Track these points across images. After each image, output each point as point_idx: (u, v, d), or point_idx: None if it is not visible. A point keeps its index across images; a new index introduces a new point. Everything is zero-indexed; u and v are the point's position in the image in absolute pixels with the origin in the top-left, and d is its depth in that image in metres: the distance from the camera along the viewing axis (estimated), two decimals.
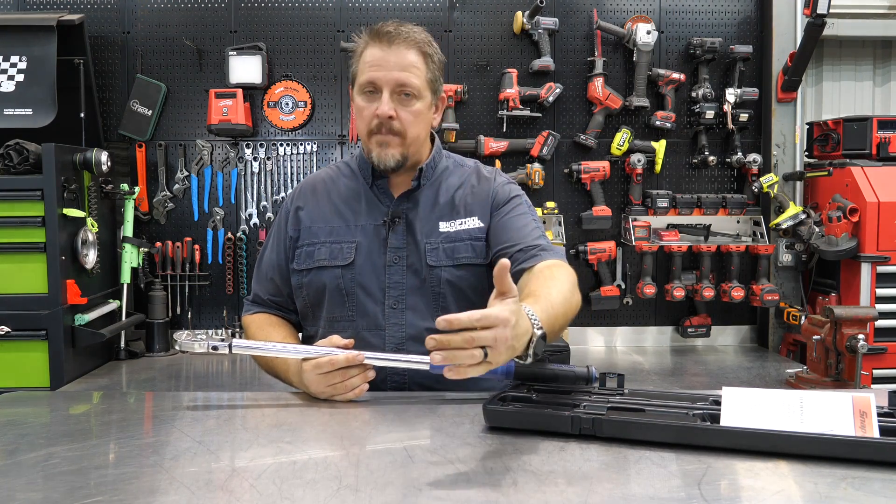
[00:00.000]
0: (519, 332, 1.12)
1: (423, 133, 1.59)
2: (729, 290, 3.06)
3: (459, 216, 1.59)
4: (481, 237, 1.57)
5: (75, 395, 2.13)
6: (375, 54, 1.51)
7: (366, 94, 1.54)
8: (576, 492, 0.92)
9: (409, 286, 1.54)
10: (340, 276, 1.55)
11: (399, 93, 1.51)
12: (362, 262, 1.55)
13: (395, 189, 1.61)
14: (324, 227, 1.60)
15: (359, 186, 1.63)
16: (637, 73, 3.07)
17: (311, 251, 1.59)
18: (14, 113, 2.71)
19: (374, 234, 1.57)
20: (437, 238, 1.56)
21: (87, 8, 3.08)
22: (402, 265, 1.55)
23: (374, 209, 1.60)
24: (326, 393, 1.36)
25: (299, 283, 1.61)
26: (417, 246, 1.55)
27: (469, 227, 1.57)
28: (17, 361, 2.50)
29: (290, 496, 0.91)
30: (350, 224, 1.59)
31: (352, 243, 1.57)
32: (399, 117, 1.51)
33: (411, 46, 1.52)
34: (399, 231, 1.56)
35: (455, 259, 1.54)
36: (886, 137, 2.93)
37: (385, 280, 1.55)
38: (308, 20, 3.12)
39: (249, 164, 3.12)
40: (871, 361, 2.66)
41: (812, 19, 2.79)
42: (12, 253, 2.49)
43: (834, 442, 1.01)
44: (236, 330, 3.10)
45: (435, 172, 1.64)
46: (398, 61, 1.50)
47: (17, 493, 0.94)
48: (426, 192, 1.61)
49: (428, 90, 1.56)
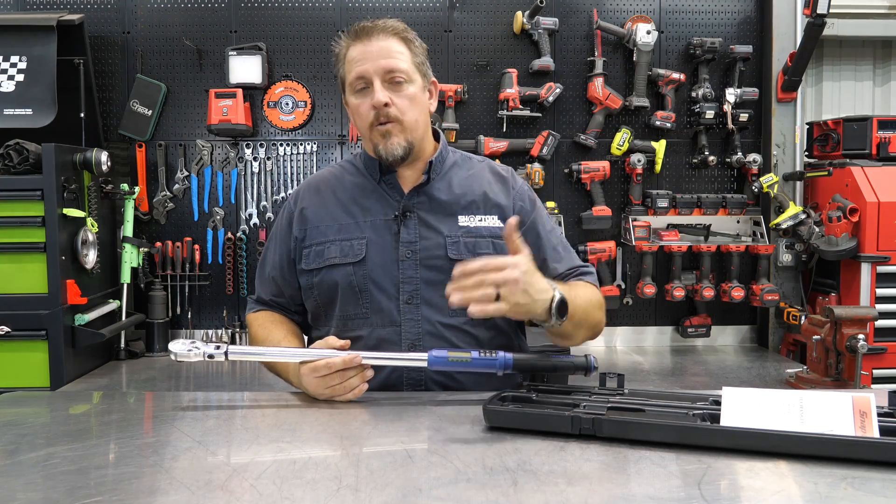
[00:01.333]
0: (535, 282, 1.30)
1: (422, 118, 1.58)
2: (729, 290, 3.06)
3: (479, 212, 1.59)
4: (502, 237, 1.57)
5: (75, 395, 2.13)
6: (358, 50, 1.53)
7: (358, 91, 1.54)
8: (576, 492, 0.92)
9: (424, 280, 1.53)
10: (353, 274, 1.54)
11: (389, 80, 1.52)
12: (374, 259, 1.54)
13: (404, 183, 1.60)
14: (332, 224, 1.59)
15: (366, 183, 1.62)
16: (637, 73, 3.07)
17: (320, 250, 1.57)
18: (14, 113, 2.71)
19: (384, 230, 1.56)
20: (457, 232, 1.56)
21: (87, 8, 3.07)
22: (414, 259, 1.54)
23: (384, 204, 1.58)
24: (325, 394, 1.36)
25: (309, 284, 1.59)
26: (436, 239, 1.54)
27: (489, 224, 1.58)
28: (17, 361, 2.50)
29: (290, 496, 0.91)
30: (359, 220, 1.58)
31: (362, 239, 1.55)
32: (394, 103, 1.51)
33: (390, 35, 1.54)
34: (411, 225, 1.55)
35: (476, 254, 1.53)
36: (886, 137, 2.93)
37: (398, 275, 1.53)
38: (308, 20, 3.12)
39: (249, 164, 3.12)
40: (871, 361, 2.66)
41: (812, 19, 2.79)
42: (12, 253, 2.49)
43: (834, 442, 1.01)
44: (236, 330, 3.10)
45: (444, 166, 1.64)
46: (381, 50, 1.52)
47: (17, 493, 0.94)
48: (438, 186, 1.60)
49: (417, 73, 1.56)
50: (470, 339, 1.53)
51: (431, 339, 1.51)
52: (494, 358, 1.33)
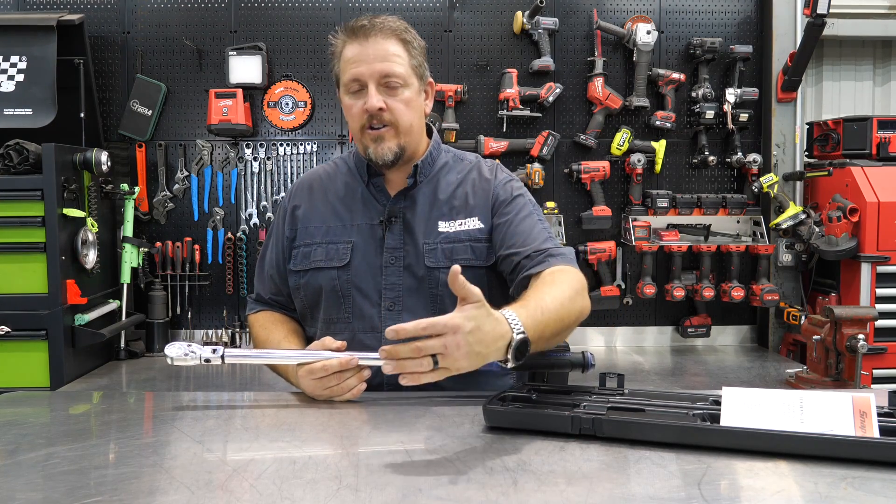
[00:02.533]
0: (483, 337, 1.14)
1: (417, 122, 1.56)
2: (729, 290, 3.06)
3: (459, 216, 1.55)
4: (481, 238, 1.54)
5: (75, 395, 2.13)
6: (354, 50, 1.49)
7: (352, 92, 1.52)
8: (576, 492, 0.92)
9: (406, 287, 1.52)
10: (336, 278, 1.53)
11: (385, 84, 1.49)
12: (358, 264, 1.53)
13: (391, 187, 1.58)
14: (320, 226, 1.58)
15: (356, 184, 1.61)
16: (637, 73, 3.07)
17: (307, 252, 1.57)
18: (14, 113, 2.71)
19: (369, 235, 1.55)
20: (435, 238, 1.53)
21: (87, 8, 3.07)
22: (398, 266, 1.52)
23: (371, 208, 1.57)
24: (324, 395, 1.36)
25: (296, 284, 1.59)
26: (416, 246, 1.52)
27: (469, 227, 1.54)
28: (17, 361, 2.51)
29: (290, 496, 0.91)
30: (346, 224, 1.57)
31: (347, 244, 1.55)
32: (389, 108, 1.49)
33: (389, 36, 1.50)
34: (396, 231, 1.54)
35: (454, 261, 1.49)
36: (886, 137, 2.92)
37: (381, 281, 1.52)
38: (308, 20, 3.12)
39: (249, 164, 3.12)
40: (871, 361, 2.66)
41: (812, 19, 2.79)
42: (12, 253, 2.49)
43: (834, 442, 1.01)
44: (236, 330, 3.10)
45: (433, 169, 1.61)
46: (378, 53, 1.48)
47: (17, 493, 0.94)
48: (424, 190, 1.58)
49: (414, 76, 1.53)
50: None
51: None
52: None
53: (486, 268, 1.54)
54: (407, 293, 1.52)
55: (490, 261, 1.54)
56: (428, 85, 1.62)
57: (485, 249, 1.54)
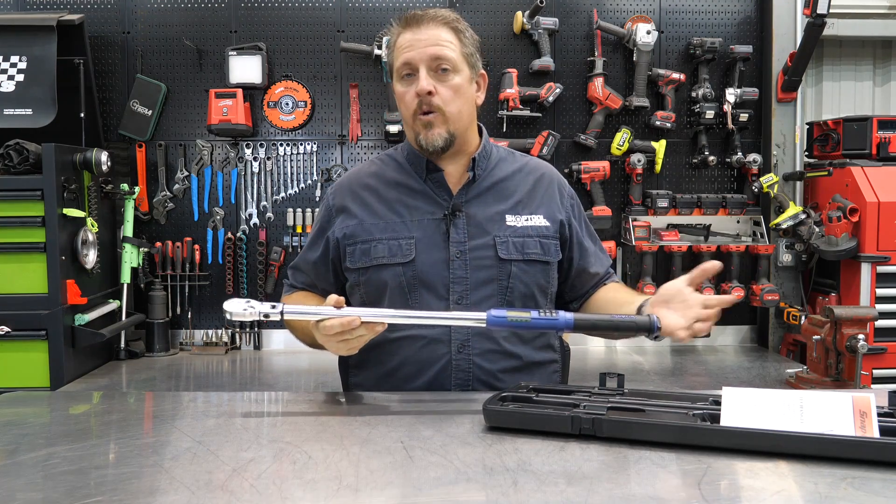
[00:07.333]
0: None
1: (466, 109, 1.56)
2: (729, 290, 3.06)
3: (525, 211, 1.59)
4: (549, 236, 1.59)
5: (75, 395, 2.13)
6: (407, 37, 1.52)
7: (404, 78, 1.53)
8: (576, 492, 0.92)
9: (474, 281, 1.52)
10: (402, 274, 1.52)
11: (435, 68, 1.50)
12: (423, 258, 1.53)
13: (450, 181, 1.59)
14: (378, 223, 1.57)
15: (409, 180, 1.60)
16: (637, 73, 3.07)
17: (366, 248, 1.56)
18: (14, 113, 2.71)
19: (433, 229, 1.54)
20: (505, 231, 1.55)
21: (87, 8, 3.07)
22: (465, 259, 1.53)
23: (431, 203, 1.57)
24: (342, 349, 1.36)
25: (356, 282, 1.58)
26: (485, 239, 1.54)
27: (536, 224, 1.58)
28: (17, 361, 2.50)
29: (290, 496, 0.91)
30: (405, 219, 1.56)
31: (410, 239, 1.54)
32: (438, 92, 1.50)
33: (441, 24, 1.52)
34: (460, 225, 1.54)
35: (525, 254, 1.54)
36: (886, 137, 2.92)
37: (448, 275, 1.52)
38: (308, 20, 3.12)
39: (249, 164, 3.12)
40: (871, 361, 2.66)
41: (812, 19, 2.79)
42: (12, 253, 2.49)
43: (834, 442, 1.01)
44: (236, 330, 3.10)
45: (489, 162, 1.63)
46: (430, 38, 1.50)
47: (17, 493, 0.94)
48: (484, 184, 1.60)
49: (465, 64, 1.54)
50: (517, 338, 1.54)
51: (480, 339, 1.50)
52: (556, 318, 1.29)
53: (550, 264, 1.60)
54: (474, 287, 1.52)
55: (557, 258, 1.60)
56: (480, 77, 1.62)
57: (552, 247, 1.59)
